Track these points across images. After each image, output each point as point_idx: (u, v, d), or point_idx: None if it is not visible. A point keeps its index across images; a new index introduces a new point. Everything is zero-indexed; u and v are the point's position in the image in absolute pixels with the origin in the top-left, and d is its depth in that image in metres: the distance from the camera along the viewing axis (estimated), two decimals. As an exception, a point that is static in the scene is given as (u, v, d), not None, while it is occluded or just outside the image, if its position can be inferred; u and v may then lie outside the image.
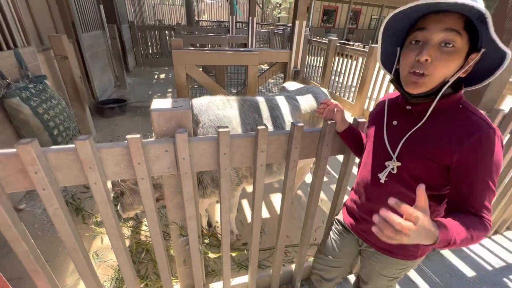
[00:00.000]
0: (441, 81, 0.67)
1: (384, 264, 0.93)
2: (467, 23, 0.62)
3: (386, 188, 0.81)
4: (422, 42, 0.65)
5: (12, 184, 0.79)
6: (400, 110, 0.81)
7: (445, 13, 0.62)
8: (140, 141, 0.81)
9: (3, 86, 1.98)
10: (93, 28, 4.41)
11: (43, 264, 0.94)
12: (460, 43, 0.62)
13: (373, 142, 0.87)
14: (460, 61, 0.65)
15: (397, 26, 0.72)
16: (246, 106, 1.46)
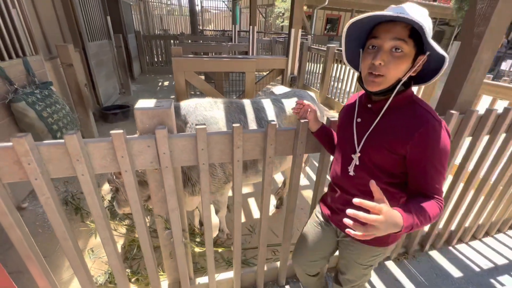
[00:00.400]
0: (395, 80, 0.75)
1: (359, 252, 0.99)
2: (413, 31, 0.71)
3: (355, 179, 0.89)
4: (377, 47, 0.74)
5: (9, 174, 0.88)
6: (363, 109, 0.89)
7: (394, 23, 0.71)
8: (123, 136, 0.89)
9: (11, 91, 2.11)
10: (99, 38, 4.62)
11: (36, 251, 1.02)
12: (407, 48, 0.71)
13: (342, 139, 0.95)
14: (408, 63, 0.74)
15: (358, 32, 0.80)
16: (233, 108, 1.54)
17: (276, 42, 8.10)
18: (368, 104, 0.86)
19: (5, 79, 2.10)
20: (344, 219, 0.64)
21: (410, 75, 0.76)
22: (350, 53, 0.88)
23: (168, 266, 1.36)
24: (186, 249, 1.29)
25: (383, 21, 0.73)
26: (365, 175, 0.86)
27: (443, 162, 0.75)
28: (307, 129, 1.10)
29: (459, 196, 1.72)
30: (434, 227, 1.79)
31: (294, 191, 1.26)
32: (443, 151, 0.74)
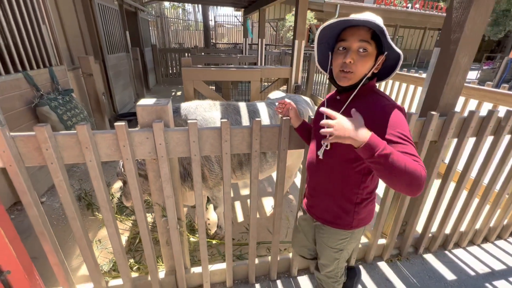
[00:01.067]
0: (362, 75, 0.88)
1: (328, 235, 1.08)
2: (374, 34, 0.84)
3: (324, 163, 0.98)
4: (346, 49, 0.86)
5: (30, 159, 1.04)
6: (334, 101, 1.01)
7: (358, 27, 0.84)
8: (126, 128, 1.04)
9: (37, 96, 2.37)
10: (118, 51, 4.99)
11: (49, 229, 1.17)
12: (370, 48, 0.84)
13: (315, 129, 1.06)
14: (372, 61, 0.87)
15: (327, 37, 0.93)
16: (230, 109, 1.68)
17: (286, 54, 8.31)
18: (337, 96, 0.98)
19: (33, 85, 2.36)
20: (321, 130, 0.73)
21: (373, 71, 0.88)
22: (321, 56, 1.00)
23: (165, 254, 1.47)
24: (181, 237, 1.41)
25: (349, 26, 0.85)
26: (331, 159, 0.95)
27: (404, 133, 0.79)
28: (289, 126, 1.21)
29: (451, 198, 1.74)
30: (427, 229, 1.81)
31: (280, 185, 1.36)
32: (401, 125, 0.80)
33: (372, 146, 0.68)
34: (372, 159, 0.69)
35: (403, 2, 13.88)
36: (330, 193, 1.01)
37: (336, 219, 1.03)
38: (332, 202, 1.02)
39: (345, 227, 1.02)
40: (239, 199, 2.53)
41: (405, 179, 0.68)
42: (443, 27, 1.39)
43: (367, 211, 1.04)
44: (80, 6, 3.72)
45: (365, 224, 1.06)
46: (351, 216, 1.00)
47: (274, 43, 12.94)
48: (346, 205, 1.00)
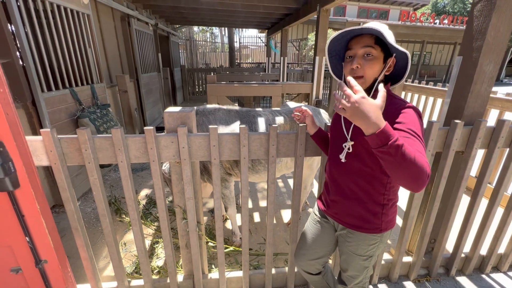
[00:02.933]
0: (372, 79, 0.90)
1: (357, 242, 1.03)
2: (377, 40, 0.88)
3: (347, 166, 0.98)
4: (352, 56, 0.91)
5: (71, 159, 1.17)
6: None
7: (361, 36, 0.90)
8: (153, 132, 1.14)
9: (79, 109, 2.65)
10: (151, 70, 5.42)
11: (82, 225, 1.28)
12: (375, 53, 0.88)
13: (334, 134, 1.07)
14: (380, 64, 0.90)
15: (337, 49, 1.00)
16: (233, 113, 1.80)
17: (308, 72, 8.45)
18: None
19: (77, 100, 2.65)
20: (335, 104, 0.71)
21: (385, 74, 0.92)
22: (335, 68, 1.06)
23: (184, 257, 1.51)
24: (200, 241, 1.45)
25: (354, 36, 0.91)
26: (354, 162, 0.95)
27: (414, 129, 0.79)
28: (305, 132, 1.24)
29: (484, 215, 1.62)
30: (458, 249, 1.68)
31: (297, 191, 1.37)
32: (412, 120, 0.81)
33: (386, 135, 0.66)
34: (382, 149, 0.67)
35: (430, 18, 13.63)
36: (357, 197, 0.99)
37: (365, 223, 1.00)
38: (359, 206, 0.99)
39: (375, 231, 0.99)
40: (258, 210, 2.54)
41: (413, 172, 0.67)
42: (464, 35, 1.37)
43: (393, 212, 1.02)
44: (120, 31, 4.17)
45: (392, 227, 1.04)
46: (380, 218, 0.98)
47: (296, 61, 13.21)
48: (374, 208, 0.98)
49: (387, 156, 0.68)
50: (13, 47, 2.05)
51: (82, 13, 2.84)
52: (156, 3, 4.75)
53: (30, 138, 1.08)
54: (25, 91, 2.13)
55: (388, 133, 0.66)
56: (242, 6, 4.85)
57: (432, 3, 19.89)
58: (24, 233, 1.02)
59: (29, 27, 2.12)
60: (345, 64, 0.94)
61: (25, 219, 1.01)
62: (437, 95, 3.39)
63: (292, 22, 5.29)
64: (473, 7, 1.31)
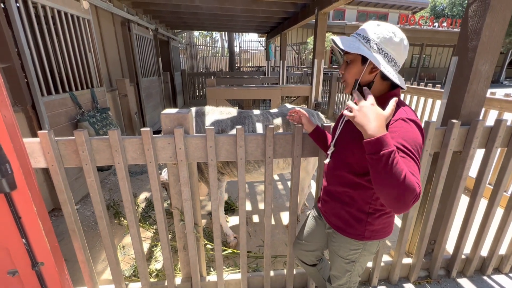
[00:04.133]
0: (352, 81, 0.91)
1: (339, 244, 1.04)
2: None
3: (334, 169, 1.00)
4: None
5: (69, 160, 1.18)
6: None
7: None
8: (150, 133, 1.15)
9: (79, 113, 2.67)
10: (151, 75, 5.46)
11: (79, 227, 1.28)
12: (350, 57, 0.90)
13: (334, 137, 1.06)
14: (357, 67, 0.89)
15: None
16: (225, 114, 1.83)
17: (307, 75, 8.48)
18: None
19: (76, 104, 2.67)
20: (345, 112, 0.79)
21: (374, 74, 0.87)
22: None
23: (182, 259, 1.51)
24: (197, 243, 1.44)
25: None
26: (338, 165, 0.97)
27: (413, 151, 0.76)
28: (302, 133, 1.24)
29: (484, 216, 1.61)
30: (458, 250, 1.66)
31: (294, 192, 1.37)
32: (412, 138, 0.77)
33: (382, 143, 0.67)
34: (375, 156, 0.68)
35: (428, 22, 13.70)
36: (342, 200, 1.00)
37: (347, 227, 1.00)
38: (343, 209, 1.00)
39: (356, 237, 0.98)
40: (257, 212, 2.53)
41: (397, 189, 0.66)
42: (459, 36, 1.38)
43: (383, 223, 0.98)
44: (121, 36, 4.21)
45: (381, 238, 1.01)
46: (363, 226, 0.97)
47: (296, 65, 13.27)
48: (358, 214, 0.97)
49: (377, 164, 0.68)
50: (14, 52, 2.07)
51: (82, 18, 2.87)
52: (156, 8, 4.80)
53: (27, 140, 1.09)
54: (25, 95, 2.15)
55: (385, 142, 0.68)
56: (241, 11, 4.90)
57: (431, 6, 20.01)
58: (20, 235, 1.02)
59: (29, 32, 2.15)
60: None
61: (22, 221, 1.01)
62: (436, 97, 3.40)
63: (291, 26, 5.33)
64: (468, 8, 1.32)
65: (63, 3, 2.52)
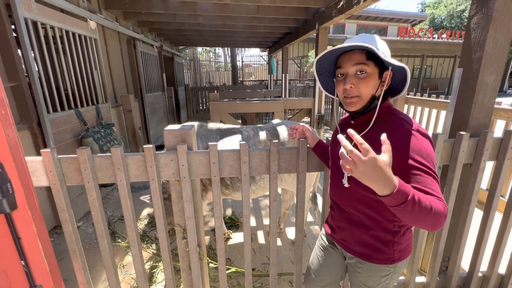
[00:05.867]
0: (370, 97, 0.85)
1: (367, 273, 0.95)
2: (370, 54, 0.81)
3: (350, 191, 0.91)
4: (344, 74, 0.86)
5: (71, 178, 1.16)
6: (348, 126, 0.97)
7: (351, 51, 0.83)
8: (153, 150, 1.14)
9: (84, 129, 2.69)
10: (155, 90, 5.55)
11: (80, 248, 1.25)
12: (368, 69, 0.81)
13: (334, 156, 1.01)
14: (375, 80, 0.83)
15: (326, 66, 0.95)
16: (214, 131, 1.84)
17: (309, 87, 8.56)
18: (351, 120, 0.95)
19: (81, 120, 2.70)
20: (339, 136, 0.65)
21: (382, 89, 0.84)
22: (325, 84, 1.02)
23: (185, 279, 1.45)
24: (201, 262, 1.39)
25: (343, 52, 0.86)
26: (356, 187, 0.88)
27: (425, 163, 0.74)
28: (306, 147, 1.22)
29: (500, 231, 1.53)
30: (474, 267, 1.58)
31: (300, 208, 1.33)
32: (423, 153, 0.75)
33: (402, 195, 0.61)
34: (398, 207, 0.63)
35: (428, 33, 13.90)
36: (364, 224, 0.91)
37: (374, 253, 0.91)
38: (366, 234, 0.91)
39: (387, 262, 0.91)
40: (262, 228, 2.47)
41: (430, 221, 0.65)
42: (462, 47, 1.38)
43: (407, 239, 0.92)
44: (126, 53, 4.32)
45: (407, 256, 0.95)
46: (391, 247, 0.90)
47: (298, 78, 13.44)
48: (384, 236, 0.89)
49: (404, 212, 0.64)
50: (22, 71, 2.12)
51: (89, 37, 2.96)
52: (161, 26, 4.95)
53: (29, 159, 1.09)
54: (31, 113, 2.18)
55: (404, 192, 0.61)
56: (243, 27, 5.02)
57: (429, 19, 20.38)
58: (19, 256, 1.00)
59: (38, 51, 2.21)
60: (337, 83, 0.88)
61: (22, 242, 0.98)
62: (440, 107, 3.37)
63: (292, 40, 5.44)
64: (470, 20, 1.32)
65: (71, 24, 2.61)
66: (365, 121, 0.89)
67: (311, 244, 2.19)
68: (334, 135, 1.05)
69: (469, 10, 1.33)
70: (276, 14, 3.94)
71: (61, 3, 2.51)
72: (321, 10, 3.65)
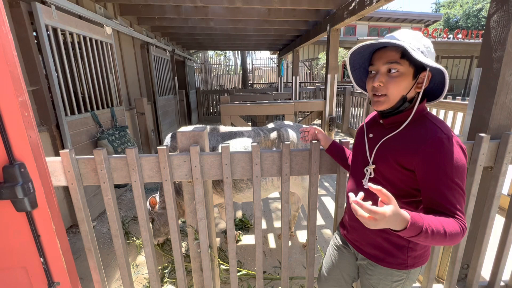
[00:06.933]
0: (399, 97, 0.80)
1: (378, 276, 0.93)
2: (405, 53, 0.77)
3: (368, 191, 0.86)
4: (375, 72, 0.83)
5: (88, 179, 1.20)
6: (376, 125, 0.94)
7: (385, 49, 0.80)
8: (167, 151, 1.16)
9: (99, 131, 2.77)
10: (167, 93, 5.66)
11: (95, 246, 1.28)
12: (402, 68, 0.77)
13: (356, 154, 0.99)
14: (408, 81, 0.79)
15: (361, 61, 0.93)
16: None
17: (320, 90, 8.50)
18: (380, 120, 0.91)
19: (97, 123, 2.78)
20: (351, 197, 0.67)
21: (418, 91, 0.81)
22: (359, 80, 0.99)
23: (196, 281, 1.46)
24: (212, 263, 1.40)
25: (377, 49, 0.83)
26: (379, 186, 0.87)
27: (454, 177, 0.72)
28: (319, 149, 1.21)
29: (524, 237, 1.46)
30: (496, 276, 1.51)
31: (312, 210, 1.31)
32: (454, 166, 0.72)
33: (416, 228, 0.64)
34: (413, 238, 0.66)
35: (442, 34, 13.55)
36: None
37: (387, 256, 0.89)
38: (380, 237, 0.89)
39: (400, 267, 0.88)
40: (272, 231, 2.45)
41: (446, 242, 0.68)
42: (482, 47, 1.33)
43: (423, 247, 0.89)
44: (140, 58, 4.43)
45: (423, 264, 0.92)
46: (405, 253, 0.87)
47: (308, 80, 13.38)
48: (398, 240, 0.87)
49: (419, 240, 0.67)
50: (42, 75, 2.21)
51: (105, 42, 3.05)
52: (173, 31, 5.06)
53: (49, 159, 1.12)
54: (50, 115, 2.26)
55: (416, 225, 0.64)
56: (254, 30, 5.05)
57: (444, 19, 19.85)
58: (39, 253, 1.03)
59: (57, 56, 2.30)
60: (368, 80, 0.86)
61: (41, 240, 1.02)
62: (457, 109, 3.27)
63: (303, 43, 5.42)
64: (489, 18, 1.28)
65: (89, 30, 2.70)
66: (394, 122, 0.86)
67: (322, 248, 2.16)
68: (358, 132, 1.01)
69: (489, 8, 1.29)
70: (287, 17, 3.94)
71: (79, 10, 2.61)
72: (332, 12, 3.63)
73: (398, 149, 0.81)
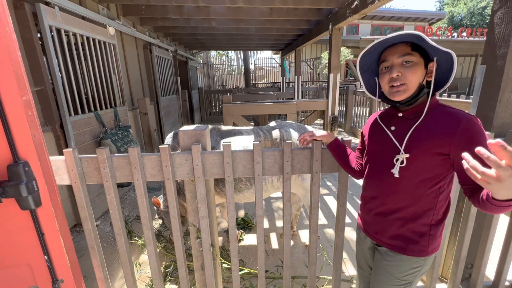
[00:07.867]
0: (417, 85, 0.85)
1: (397, 263, 0.93)
2: (414, 46, 0.84)
3: (401, 182, 0.88)
4: (389, 67, 0.87)
5: (91, 177, 1.21)
6: (394, 119, 0.94)
7: (395, 45, 0.86)
8: (169, 150, 1.16)
9: (102, 131, 2.79)
10: (170, 93, 5.68)
11: (98, 244, 1.29)
12: (415, 59, 0.83)
13: (377, 149, 0.97)
14: (422, 70, 0.85)
15: (369, 63, 0.97)
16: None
17: (323, 89, 8.47)
18: (399, 113, 0.92)
19: (100, 122, 2.80)
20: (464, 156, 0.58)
21: (428, 80, 0.87)
22: (366, 83, 1.02)
23: (198, 279, 1.46)
24: (214, 262, 1.40)
25: (386, 48, 0.88)
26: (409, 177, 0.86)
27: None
28: (321, 148, 1.20)
29: (528, 237, 1.44)
30: (501, 276, 1.49)
31: (314, 209, 1.31)
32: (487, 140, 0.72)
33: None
34: (508, 208, 0.62)
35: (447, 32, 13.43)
36: (402, 216, 0.90)
37: (409, 245, 0.90)
38: (404, 227, 0.90)
39: (420, 254, 0.89)
40: (275, 230, 2.45)
41: None
42: (485, 44, 1.32)
43: (440, 234, 0.92)
44: (143, 58, 4.46)
45: (437, 251, 0.93)
46: (426, 240, 0.89)
47: (311, 79, 13.34)
48: (421, 228, 0.89)
49: (506, 210, 0.63)
50: (47, 76, 2.23)
51: (108, 43, 3.08)
52: (176, 31, 5.07)
53: (53, 158, 1.14)
54: (54, 115, 2.29)
55: None
56: (256, 30, 5.05)
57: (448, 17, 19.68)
58: (43, 251, 1.04)
59: (61, 57, 2.32)
60: (382, 76, 0.89)
61: (45, 238, 1.03)
62: (461, 107, 3.24)
63: (305, 42, 5.41)
64: (493, 15, 1.27)
65: (92, 30, 2.72)
66: (415, 113, 0.89)
67: (324, 247, 2.15)
68: (371, 128, 1.02)
69: (493, 5, 1.27)
70: (289, 16, 3.93)
71: (82, 11, 2.63)
72: (334, 10, 3.61)
73: (431, 136, 0.83)
